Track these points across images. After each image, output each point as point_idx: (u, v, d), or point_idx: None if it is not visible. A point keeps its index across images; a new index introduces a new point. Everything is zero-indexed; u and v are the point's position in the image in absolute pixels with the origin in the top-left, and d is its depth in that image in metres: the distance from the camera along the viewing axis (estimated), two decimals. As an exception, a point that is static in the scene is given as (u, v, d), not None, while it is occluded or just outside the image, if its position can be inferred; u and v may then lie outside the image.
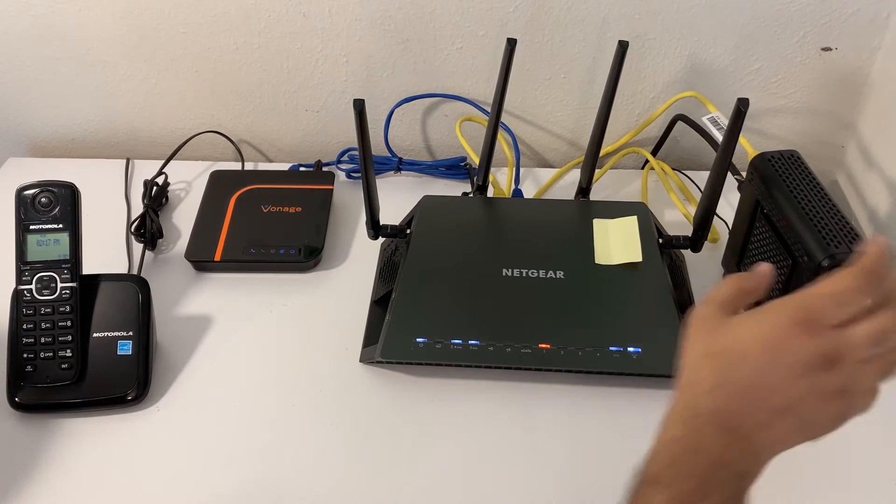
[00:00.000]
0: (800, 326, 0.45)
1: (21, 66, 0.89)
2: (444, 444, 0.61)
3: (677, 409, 0.47)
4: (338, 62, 0.87)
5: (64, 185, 0.64)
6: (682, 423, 0.46)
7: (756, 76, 0.85)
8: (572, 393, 0.64)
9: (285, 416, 0.63)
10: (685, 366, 0.47)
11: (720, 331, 0.47)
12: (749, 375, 0.45)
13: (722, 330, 0.47)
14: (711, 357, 0.46)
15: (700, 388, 0.46)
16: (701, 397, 0.45)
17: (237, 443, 0.62)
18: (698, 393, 0.46)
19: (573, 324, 0.65)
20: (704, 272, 0.75)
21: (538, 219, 0.76)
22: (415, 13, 0.82)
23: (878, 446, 0.61)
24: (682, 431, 0.45)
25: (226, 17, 0.84)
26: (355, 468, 0.60)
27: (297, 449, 0.61)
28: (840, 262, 0.56)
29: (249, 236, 0.78)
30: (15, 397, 0.62)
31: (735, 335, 0.46)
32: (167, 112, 0.93)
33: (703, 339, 0.48)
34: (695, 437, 0.45)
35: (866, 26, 0.80)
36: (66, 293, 0.63)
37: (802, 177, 0.63)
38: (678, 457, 0.45)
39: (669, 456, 0.45)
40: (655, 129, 0.90)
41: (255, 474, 0.59)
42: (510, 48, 0.70)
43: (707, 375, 0.46)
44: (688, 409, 0.46)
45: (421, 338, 0.64)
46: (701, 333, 0.48)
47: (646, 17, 0.81)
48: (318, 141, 0.95)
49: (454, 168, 0.89)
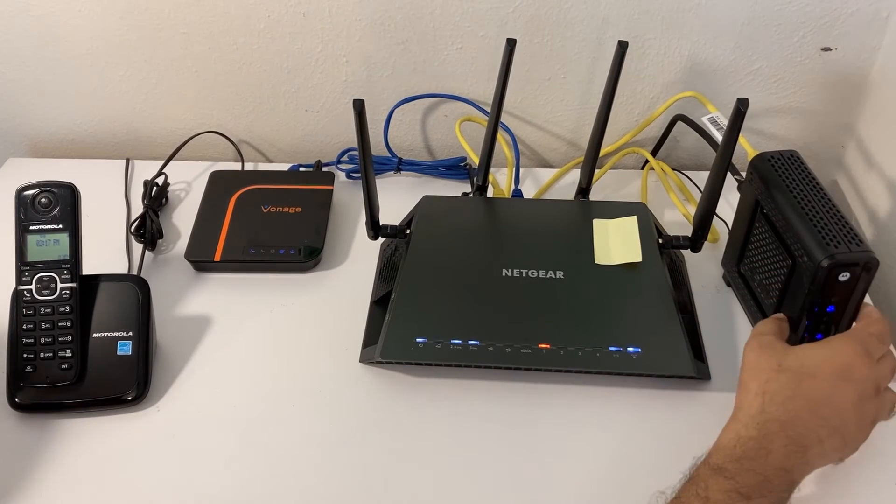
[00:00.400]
0: (862, 358, 0.53)
1: (21, 66, 0.89)
2: (444, 444, 0.61)
3: (751, 412, 0.52)
4: (338, 62, 0.87)
5: (64, 185, 0.64)
6: (756, 426, 0.51)
7: (756, 76, 0.85)
8: (572, 393, 0.64)
9: (285, 417, 0.63)
10: (759, 377, 0.53)
11: (791, 352, 0.55)
12: (819, 394, 0.52)
13: (793, 352, 0.55)
14: (786, 372, 0.53)
15: (776, 397, 0.52)
16: (776, 406, 0.52)
17: (237, 443, 0.62)
18: (775, 401, 0.51)
19: (573, 324, 0.65)
20: (704, 272, 0.75)
21: (538, 219, 0.76)
22: (415, 13, 0.82)
23: (879, 446, 0.61)
24: (754, 433, 0.51)
25: (226, 17, 0.84)
26: (355, 468, 0.60)
27: (297, 449, 0.61)
28: (840, 262, 0.56)
29: (249, 236, 0.78)
30: (15, 397, 0.62)
31: (807, 357, 0.54)
32: (167, 112, 0.93)
33: (776, 356, 0.54)
34: (765, 441, 0.50)
35: (866, 26, 0.80)
36: (66, 293, 0.63)
37: (802, 177, 0.63)
38: (747, 454, 0.50)
39: (738, 452, 0.50)
40: (655, 129, 0.90)
41: (254, 474, 0.59)
42: (510, 48, 0.70)
43: (782, 387, 0.52)
44: (762, 413, 0.51)
45: (421, 338, 0.64)
46: (771, 352, 0.55)
47: (646, 17, 0.81)
48: (318, 141, 0.95)
49: (454, 168, 0.89)
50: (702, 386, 0.65)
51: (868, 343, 0.54)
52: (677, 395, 0.64)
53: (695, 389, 0.64)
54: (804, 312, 0.60)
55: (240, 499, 0.58)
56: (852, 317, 0.60)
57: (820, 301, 0.58)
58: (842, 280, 0.57)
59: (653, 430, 0.62)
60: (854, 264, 0.57)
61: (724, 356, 0.67)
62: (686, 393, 0.64)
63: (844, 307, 0.59)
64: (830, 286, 0.57)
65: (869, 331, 0.56)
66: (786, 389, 0.52)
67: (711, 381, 0.65)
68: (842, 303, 0.59)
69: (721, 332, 0.70)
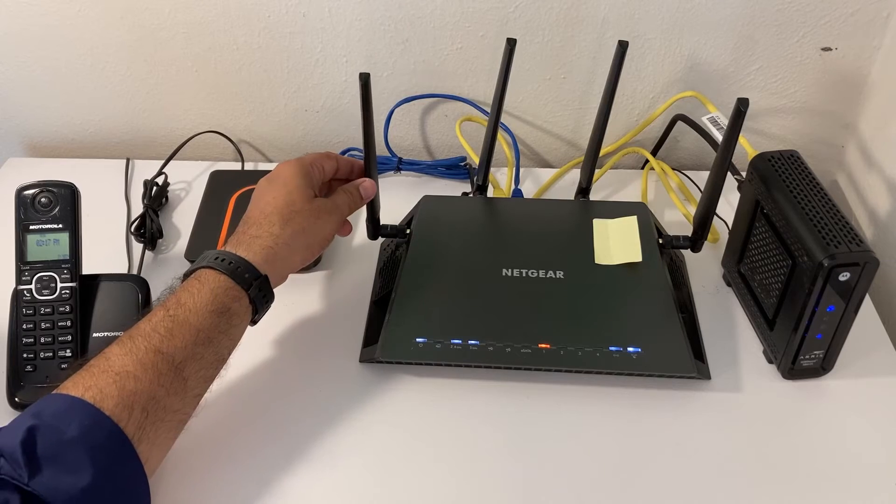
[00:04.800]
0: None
1: (21, 66, 0.89)
2: (444, 444, 0.61)
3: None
4: (338, 62, 0.87)
5: (64, 185, 0.64)
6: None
7: (756, 76, 0.85)
8: (572, 393, 0.64)
9: (285, 416, 0.63)
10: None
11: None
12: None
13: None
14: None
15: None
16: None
17: (236, 443, 0.62)
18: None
19: (573, 324, 0.65)
20: (704, 272, 0.75)
21: (538, 219, 0.76)
22: (415, 13, 0.82)
23: (878, 446, 0.61)
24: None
25: (226, 17, 0.84)
26: (355, 468, 0.60)
27: (296, 449, 0.61)
28: (840, 262, 0.56)
29: (249, 236, 0.78)
30: (15, 397, 0.62)
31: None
32: (167, 112, 0.93)
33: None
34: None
35: (866, 26, 0.80)
36: (66, 293, 0.63)
37: (802, 177, 0.63)
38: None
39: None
40: (655, 129, 0.90)
41: (253, 474, 0.59)
42: (510, 48, 0.70)
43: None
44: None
45: (421, 338, 0.64)
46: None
47: (646, 17, 0.81)
48: (318, 141, 0.95)
49: (454, 168, 0.89)
50: (702, 386, 0.65)
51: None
52: (677, 395, 0.64)
53: (695, 389, 0.65)
54: (804, 312, 0.60)
55: (237, 497, 0.58)
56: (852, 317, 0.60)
57: (820, 301, 0.58)
58: (842, 280, 0.57)
59: (653, 430, 0.62)
60: (854, 264, 0.57)
61: (724, 356, 0.67)
62: (686, 393, 0.64)
63: (844, 307, 0.59)
64: (830, 286, 0.57)
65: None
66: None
67: (711, 381, 0.65)
68: (842, 303, 0.59)
69: (721, 332, 0.70)
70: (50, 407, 0.48)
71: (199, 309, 0.54)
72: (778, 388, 0.65)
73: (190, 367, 0.53)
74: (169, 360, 0.52)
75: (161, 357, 0.52)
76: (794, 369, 0.64)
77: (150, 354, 0.51)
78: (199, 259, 0.58)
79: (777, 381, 0.65)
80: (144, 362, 0.51)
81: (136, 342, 0.52)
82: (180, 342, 0.53)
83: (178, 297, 0.55)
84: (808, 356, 0.63)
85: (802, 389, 0.65)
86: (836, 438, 0.61)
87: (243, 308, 0.57)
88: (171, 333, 0.53)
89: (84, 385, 0.49)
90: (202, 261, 0.58)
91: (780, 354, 0.64)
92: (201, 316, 0.54)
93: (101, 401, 0.49)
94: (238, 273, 0.56)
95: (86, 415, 0.48)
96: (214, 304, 0.55)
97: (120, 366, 0.51)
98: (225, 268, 0.56)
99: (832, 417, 0.63)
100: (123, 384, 0.50)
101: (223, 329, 0.55)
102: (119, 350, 0.52)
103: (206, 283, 0.56)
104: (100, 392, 0.49)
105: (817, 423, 0.63)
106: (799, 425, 0.62)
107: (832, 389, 0.65)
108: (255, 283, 0.57)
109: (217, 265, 0.57)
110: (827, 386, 0.65)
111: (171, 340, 0.53)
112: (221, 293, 0.56)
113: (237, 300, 0.56)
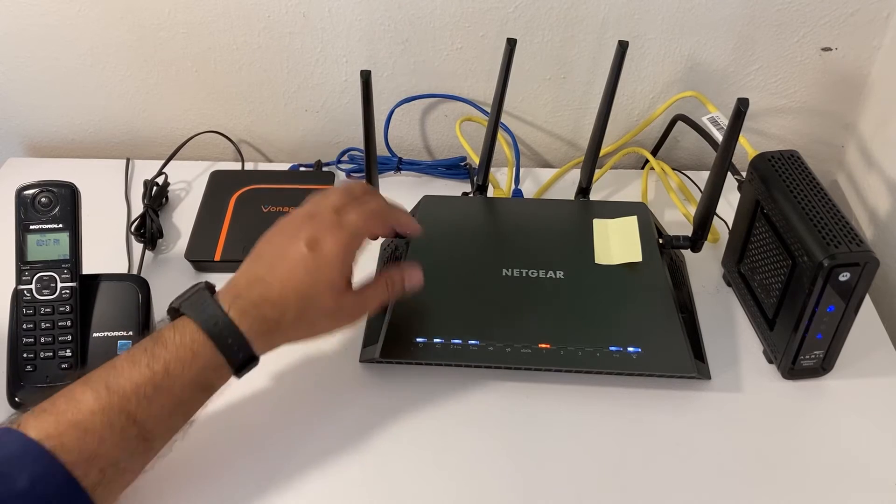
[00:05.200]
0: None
1: (21, 66, 0.89)
2: (444, 444, 0.61)
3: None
4: (338, 62, 0.87)
5: (64, 185, 0.64)
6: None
7: (756, 76, 0.85)
8: (572, 393, 0.64)
9: (284, 416, 0.63)
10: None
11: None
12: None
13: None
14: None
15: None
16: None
17: (236, 443, 0.62)
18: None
19: (573, 324, 0.65)
20: (704, 272, 0.75)
21: (538, 219, 0.76)
22: (415, 13, 0.82)
23: (879, 447, 0.61)
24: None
25: (226, 17, 0.84)
26: (354, 468, 0.60)
27: (296, 449, 0.61)
28: (840, 262, 0.56)
29: (249, 236, 0.77)
30: (15, 397, 0.62)
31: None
32: (167, 112, 0.93)
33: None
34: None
35: (866, 26, 0.80)
36: (66, 293, 0.63)
37: (802, 177, 0.63)
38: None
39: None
40: (655, 129, 0.90)
41: (253, 475, 0.59)
42: (510, 48, 0.70)
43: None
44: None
45: (421, 338, 0.64)
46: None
47: (646, 17, 0.81)
48: (318, 141, 0.95)
49: (454, 168, 0.89)
50: (702, 386, 0.65)
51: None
52: (677, 395, 0.64)
53: (695, 389, 0.65)
54: (804, 312, 0.60)
55: (236, 497, 0.58)
56: (852, 317, 0.60)
57: (820, 301, 0.58)
58: (842, 280, 0.57)
59: (653, 430, 0.62)
60: (854, 264, 0.57)
61: (724, 356, 0.67)
62: (686, 393, 0.64)
63: (844, 307, 0.59)
64: (830, 286, 0.57)
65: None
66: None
67: (711, 381, 0.65)
68: (842, 303, 0.59)
69: (721, 332, 0.70)
70: (5, 448, 0.46)
71: (185, 383, 0.51)
72: (778, 388, 0.65)
73: (159, 434, 0.52)
74: (140, 427, 0.50)
75: (132, 424, 0.49)
76: (794, 369, 0.64)
77: (121, 417, 0.49)
78: (200, 299, 0.53)
79: (777, 381, 0.65)
80: (113, 424, 0.48)
81: (111, 399, 0.49)
82: (157, 410, 0.50)
83: (167, 363, 0.51)
84: (808, 356, 0.63)
85: (802, 389, 0.65)
86: (836, 438, 0.61)
87: (224, 381, 0.55)
88: (150, 401, 0.50)
89: (45, 431, 0.47)
90: (203, 308, 0.53)
91: (780, 354, 0.64)
92: (185, 390, 0.51)
93: (60, 452, 0.46)
94: (232, 352, 0.53)
95: (39, 464, 0.46)
96: (201, 378, 0.52)
97: (88, 421, 0.48)
98: (222, 345, 0.52)
99: (832, 417, 0.63)
100: (85, 440, 0.47)
101: (201, 401, 0.54)
102: (92, 400, 0.49)
103: (200, 357, 0.52)
104: (61, 444, 0.46)
105: (817, 423, 0.63)
106: (799, 425, 0.62)
107: (832, 389, 0.65)
108: (246, 364, 0.54)
109: (216, 336, 0.52)
110: (827, 386, 0.65)
111: (148, 408, 0.50)
112: (211, 371, 0.53)
113: (222, 378, 0.54)
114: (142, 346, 0.52)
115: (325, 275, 0.55)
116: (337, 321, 0.58)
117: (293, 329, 0.56)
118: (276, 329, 0.55)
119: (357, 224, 0.57)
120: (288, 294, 0.54)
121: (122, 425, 0.49)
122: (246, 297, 0.54)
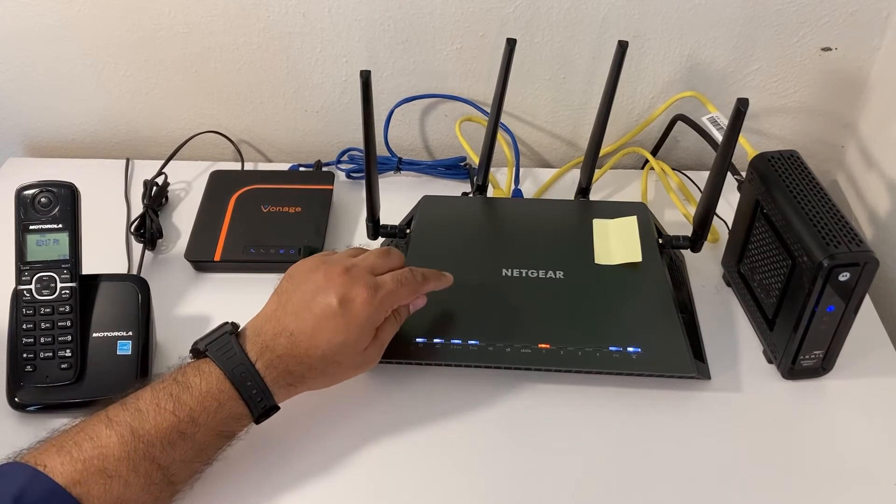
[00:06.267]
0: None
1: (21, 66, 0.89)
2: (444, 444, 0.61)
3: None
4: (338, 62, 0.87)
5: (64, 185, 0.64)
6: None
7: (756, 76, 0.85)
8: (572, 393, 0.64)
9: (284, 416, 0.63)
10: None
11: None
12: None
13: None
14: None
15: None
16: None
17: (235, 443, 0.61)
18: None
19: (573, 324, 0.65)
20: (704, 272, 0.75)
21: (538, 219, 0.76)
22: (415, 13, 0.82)
23: (879, 447, 0.61)
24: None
25: (226, 17, 0.84)
26: (355, 468, 0.60)
27: (296, 449, 0.61)
28: (840, 262, 0.56)
29: (249, 236, 0.78)
30: (14, 397, 0.62)
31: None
32: (167, 112, 0.93)
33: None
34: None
35: (866, 26, 0.80)
36: (66, 293, 0.63)
37: (802, 177, 0.63)
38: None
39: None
40: (655, 129, 0.90)
41: (253, 475, 0.59)
42: (510, 48, 0.70)
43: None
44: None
45: (421, 338, 0.64)
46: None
47: (646, 17, 0.81)
48: (318, 141, 0.95)
49: (454, 168, 0.89)
50: (702, 386, 0.65)
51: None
52: (677, 395, 0.64)
53: (695, 389, 0.65)
54: (804, 312, 0.60)
55: (237, 498, 0.58)
56: (852, 317, 0.60)
57: (820, 301, 0.58)
58: (842, 280, 0.57)
59: (653, 430, 0.62)
60: (854, 264, 0.57)
61: (723, 356, 0.67)
62: (686, 393, 0.64)
63: (844, 307, 0.59)
64: (830, 286, 0.57)
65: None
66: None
67: (711, 381, 0.65)
68: (842, 303, 0.59)
69: (721, 332, 0.70)
70: (30, 495, 0.47)
71: (209, 431, 0.53)
72: (778, 388, 0.65)
73: (182, 478, 0.53)
74: (164, 472, 0.51)
75: (157, 469, 0.51)
76: (794, 369, 0.64)
77: (146, 463, 0.50)
78: (227, 346, 0.54)
79: (777, 381, 0.65)
80: (138, 469, 0.50)
81: (137, 444, 0.50)
82: (181, 455, 0.52)
83: (192, 410, 0.52)
84: (807, 356, 0.63)
85: (802, 389, 0.65)
86: (836, 438, 0.61)
87: (244, 428, 0.56)
88: (174, 447, 0.51)
89: (72, 477, 0.48)
90: (230, 356, 0.54)
91: (780, 354, 0.64)
92: (208, 436, 0.53)
93: (86, 499, 0.47)
94: (256, 403, 0.54)
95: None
96: (224, 427, 0.54)
97: (114, 468, 0.49)
98: (247, 395, 0.54)
99: (832, 417, 0.63)
100: (111, 486, 0.49)
101: (222, 447, 0.55)
102: (117, 445, 0.50)
103: (224, 406, 0.53)
104: (87, 493, 0.48)
105: (817, 423, 0.63)
106: (799, 425, 0.62)
107: (832, 389, 0.65)
108: (266, 412, 0.56)
109: (242, 387, 0.53)
110: (827, 386, 0.65)
111: (172, 453, 0.51)
112: (233, 421, 0.54)
113: (243, 426, 0.56)
114: (166, 389, 0.53)
115: (353, 335, 0.56)
116: (358, 370, 0.60)
117: (316, 382, 0.58)
118: (300, 382, 0.56)
119: (390, 288, 0.58)
120: (314, 352, 0.55)
121: (146, 470, 0.50)
122: (273, 350, 0.55)
